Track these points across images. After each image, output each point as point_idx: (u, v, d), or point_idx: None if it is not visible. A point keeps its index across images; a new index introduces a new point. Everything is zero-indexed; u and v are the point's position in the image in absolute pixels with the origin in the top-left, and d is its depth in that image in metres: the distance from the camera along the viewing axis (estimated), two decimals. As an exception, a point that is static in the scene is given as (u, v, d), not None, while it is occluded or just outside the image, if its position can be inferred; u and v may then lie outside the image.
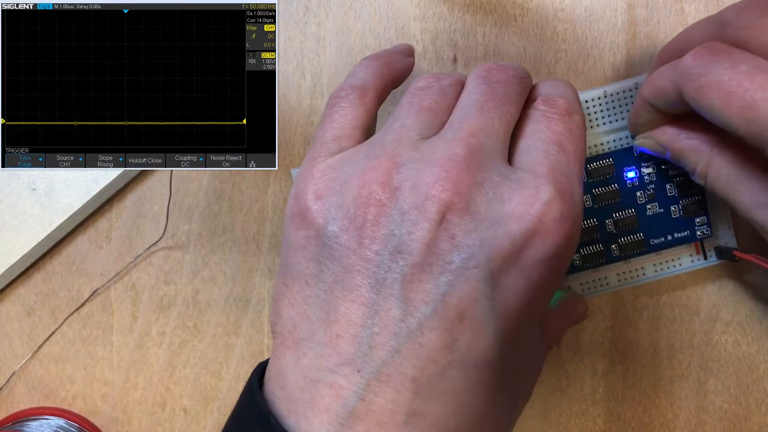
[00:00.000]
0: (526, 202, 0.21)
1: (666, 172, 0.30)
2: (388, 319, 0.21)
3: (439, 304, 0.20)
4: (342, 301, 0.21)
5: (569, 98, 0.25)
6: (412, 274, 0.21)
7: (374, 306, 0.21)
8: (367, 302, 0.21)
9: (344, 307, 0.21)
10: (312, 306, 0.22)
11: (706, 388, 0.33)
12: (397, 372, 0.20)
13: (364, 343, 0.21)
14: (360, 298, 0.21)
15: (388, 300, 0.21)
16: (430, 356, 0.20)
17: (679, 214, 0.31)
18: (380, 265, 0.21)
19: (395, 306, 0.21)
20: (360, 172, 0.22)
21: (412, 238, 0.21)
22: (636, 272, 0.32)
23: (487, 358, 0.21)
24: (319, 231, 0.22)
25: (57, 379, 0.34)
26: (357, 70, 0.27)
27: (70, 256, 0.34)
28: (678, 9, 0.32)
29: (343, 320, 0.21)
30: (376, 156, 0.23)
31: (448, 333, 0.20)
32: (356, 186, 0.22)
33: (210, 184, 0.33)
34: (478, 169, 0.22)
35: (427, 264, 0.21)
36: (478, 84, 0.24)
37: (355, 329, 0.21)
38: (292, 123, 0.33)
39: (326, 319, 0.21)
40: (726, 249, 0.31)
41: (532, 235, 0.21)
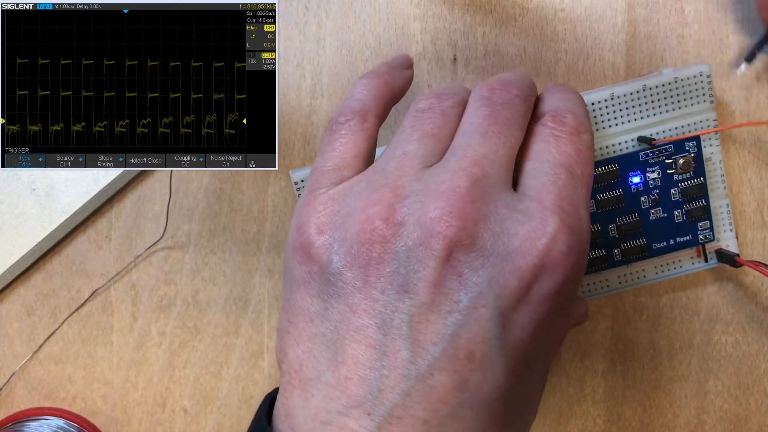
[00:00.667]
0: (533, 236, 0.21)
1: (671, 176, 0.30)
2: (396, 360, 0.20)
3: (448, 344, 0.20)
4: (349, 342, 0.21)
5: (579, 114, 0.24)
6: (420, 314, 0.20)
7: (382, 347, 0.21)
8: (374, 343, 0.21)
9: (351, 347, 0.21)
10: (318, 345, 0.22)
11: (706, 388, 0.33)
12: (407, 414, 0.20)
13: (373, 386, 0.20)
14: (367, 339, 0.21)
15: (396, 341, 0.20)
16: (440, 398, 0.20)
17: (683, 218, 0.30)
18: (387, 305, 0.21)
19: (403, 347, 0.20)
20: (362, 204, 0.22)
21: (419, 277, 0.21)
22: (636, 274, 0.32)
23: (497, 395, 0.21)
24: (323, 267, 0.22)
25: (57, 379, 0.34)
26: (356, 92, 0.26)
27: (70, 256, 0.34)
28: (678, 9, 0.32)
29: (351, 361, 0.21)
30: (378, 187, 0.22)
31: (458, 374, 0.20)
32: (359, 221, 0.22)
33: (210, 184, 0.33)
34: (483, 201, 0.21)
35: (434, 303, 0.20)
36: (480, 106, 0.24)
37: (364, 371, 0.21)
38: (292, 123, 0.33)
39: (333, 359, 0.21)
40: (728, 254, 0.31)
41: (540, 270, 0.21)
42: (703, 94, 0.30)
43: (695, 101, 0.30)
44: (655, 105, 0.30)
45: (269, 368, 0.34)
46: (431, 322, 0.20)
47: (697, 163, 0.30)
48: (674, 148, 0.30)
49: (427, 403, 0.20)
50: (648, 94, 0.30)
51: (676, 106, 0.30)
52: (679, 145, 0.30)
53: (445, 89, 0.25)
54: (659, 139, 0.30)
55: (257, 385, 0.34)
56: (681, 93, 0.30)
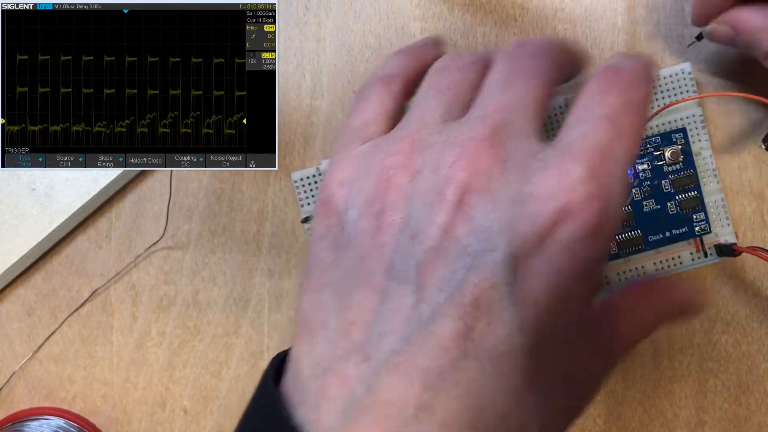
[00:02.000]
0: (551, 182, 0.19)
1: (661, 168, 0.31)
2: (400, 306, 0.20)
3: (454, 290, 0.19)
4: (356, 288, 0.21)
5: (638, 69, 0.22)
6: (428, 260, 0.20)
7: (387, 292, 0.20)
8: (380, 289, 0.20)
9: (358, 294, 0.20)
10: (327, 294, 0.21)
11: (706, 387, 0.33)
12: (406, 361, 0.19)
13: (374, 331, 0.20)
14: (373, 285, 0.20)
15: (401, 286, 0.20)
16: (442, 345, 0.19)
17: (676, 210, 0.31)
18: (396, 251, 0.20)
19: (408, 292, 0.20)
20: (382, 157, 0.22)
21: (429, 223, 0.20)
22: (636, 271, 0.32)
23: (506, 349, 0.19)
24: (340, 218, 0.22)
25: (57, 379, 0.34)
26: (385, 64, 0.26)
27: (69, 256, 0.34)
28: (678, 9, 0.32)
29: (356, 307, 0.20)
30: (398, 140, 0.22)
31: (462, 321, 0.19)
32: (377, 171, 0.21)
33: (210, 184, 0.33)
34: (501, 147, 0.20)
35: (443, 248, 0.19)
36: (502, 61, 0.23)
37: (367, 316, 0.20)
38: (292, 123, 0.33)
39: (340, 306, 0.21)
40: (726, 246, 0.31)
41: (557, 216, 0.19)
42: (686, 90, 0.31)
43: (679, 97, 0.31)
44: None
45: (269, 368, 0.34)
46: (439, 267, 0.19)
47: (685, 154, 0.31)
48: (661, 140, 0.31)
49: (428, 350, 0.19)
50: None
51: (661, 102, 0.31)
52: (666, 137, 0.31)
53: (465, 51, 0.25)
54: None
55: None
56: (665, 90, 0.31)
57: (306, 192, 0.33)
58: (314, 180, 0.33)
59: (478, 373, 0.19)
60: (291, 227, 0.33)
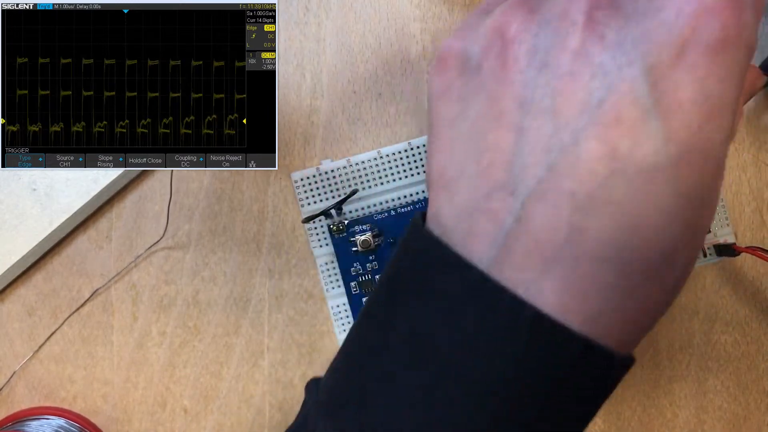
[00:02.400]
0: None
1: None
2: (539, 136, 0.19)
3: (593, 111, 0.18)
4: (489, 131, 0.20)
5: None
6: (562, 85, 0.19)
7: (523, 127, 0.19)
8: (515, 125, 0.20)
9: (492, 136, 0.20)
10: (459, 145, 0.21)
11: (706, 387, 0.33)
12: (553, 188, 0.19)
13: (516, 166, 0.19)
14: (508, 124, 0.20)
15: (537, 118, 0.19)
16: (588, 167, 0.18)
17: None
18: (526, 84, 0.20)
19: (545, 122, 0.19)
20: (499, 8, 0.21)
21: (558, 48, 0.19)
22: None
23: (654, 164, 0.18)
24: (460, 69, 0.21)
25: (57, 378, 0.34)
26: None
27: (70, 256, 0.34)
28: (678, 9, 0.32)
29: (493, 148, 0.20)
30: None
31: (606, 141, 0.18)
32: (497, 14, 0.21)
33: (210, 184, 0.33)
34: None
35: (577, 71, 0.19)
36: None
37: (506, 155, 0.19)
38: (292, 123, 0.33)
39: (475, 152, 0.20)
40: (725, 245, 0.31)
41: (694, 21, 0.18)
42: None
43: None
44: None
45: (269, 368, 0.34)
46: (574, 91, 0.19)
47: None
48: None
49: (573, 174, 0.18)
50: None
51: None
52: None
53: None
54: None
55: (257, 385, 0.34)
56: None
57: (306, 192, 0.33)
58: (314, 180, 0.33)
59: (628, 190, 0.18)
60: (291, 227, 0.33)
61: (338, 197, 0.32)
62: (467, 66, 0.21)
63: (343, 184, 0.32)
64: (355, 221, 0.32)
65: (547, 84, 0.19)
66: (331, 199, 0.33)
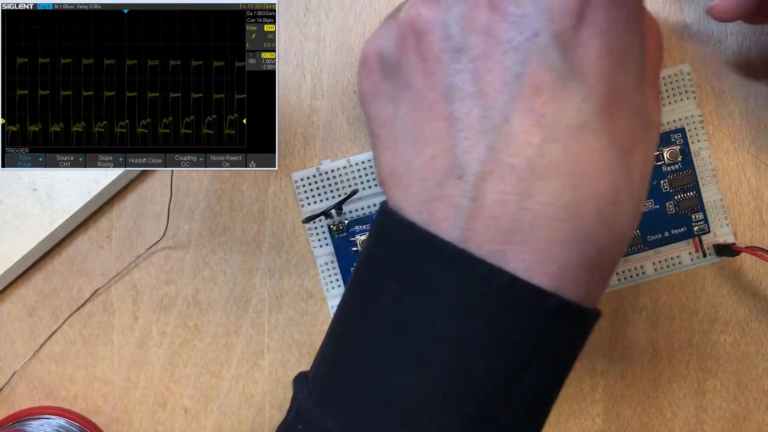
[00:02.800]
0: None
1: (660, 168, 0.31)
2: (471, 120, 0.20)
3: (513, 86, 0.20)
4: (424, 125, 0.21)
5: None
6: (478, 68, 0.20)
7: (454, 114, 0.21)
8: (446, 114, 0.21)
9: (428, 129, 0.21)
10: (400, 143, 0.22)
11: (705, 387, 0.33)
12: (496, 166, 0.20)
13: (458, 152, 0.20)
14: (439, 114, 0.21)
15: (464, 102, 0.20)
16: (522, 140, 0.20)
17: (675, 210, 0.31)
18: (446, 73, 0.21)
19: (473, 105, 0.20)
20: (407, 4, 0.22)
21: (468, 32, 0.20)
22: (635, 270, 0.32)
23: (581, 121, 0.20)
24: (383, 68, 0.22)
25: (58, 378, 0.34)
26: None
27: (70, 256, 0.34)
28: (677, 10, 0.32)
29: (431, 141, 0.21)
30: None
31: (532, 111, 0.20)
32: (405, 10, 0.22)
33: (210, 184, 0.33)
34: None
35: (490, 51, 0.20)
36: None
37: (446, 144, 0.21)
38: (292, 123, 0.33)
39: (416, 147, 0.21)
40: (725, 245, 0.31)
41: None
42: (685, 91, 0.31)
43: (678, 98, 0.31)
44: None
45: (270, 367, 0.34)
46: (491, 70, 0.20)
47: (684, 155, 0.31)
48: (660, 140, 0.31)
49: (510, 149, 0.20)
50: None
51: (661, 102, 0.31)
52: (665, 137, 0.31)
53: None
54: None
55: (258, 385, 0.34)
56: (664, 91, 0.31)
57: (306, 192, 0.33)
58: (314, 180, 0.33)
59: (563, 152, 0.20)
60: (291, 227, 0.33)
61: (338, 197, 0.32)
62: (388, 65, 0.22)
63: (343, 184, 0.32)
64: (355, 221, 0.32)
65: (465, 69, 0.20)
66: (331, 199, 0.33)
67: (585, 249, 0.20)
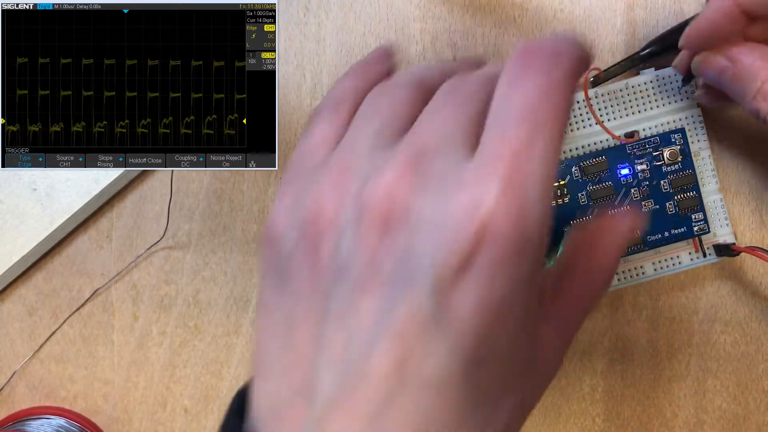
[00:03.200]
0: (471, 204, 0.18)
1: (660, 168, 0.31)
2: (335, 345, 0.20)
3: (383, 325, 0.19)
4: (295, 329, 0.21)
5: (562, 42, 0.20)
6: (355, 296, 0.20)
7: (323, 332, 0.20)
8: (315, 329, 0.20)
9: (297, 335, 0.21)
10: (274, 335, 0.22)
11: (705, 387, 0.33)
12: (346, 399, 0.19)
13: (315, 371, 0.20)
14: (309, 326, 0.20)
15: (334, 326, 0.20)
16: (378, 380, 0.19)
17: (675, 210, 0.31)
18: (327, 289, 0.20)
19: (341, 331, 0.20)
20: (315, 187, 0.22)
21: (354, 256, 0.20)
22: (635, 271, 0.32)
23: (443, 376, 0.19)
24: (277, 259, 0.22)
25: (58, 378, 0.34)
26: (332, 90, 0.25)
27: (70, 256, 0.34)
28: (677, 10, 0.32)
29: (297, 348, 0.21)
30: (330, 170, 0.22)
31: (395, 354, 0.19)
32: (308, 205, 0.21)
33: (210, 184, 0.33)
34: (421, 169, 0.20)
35: (369, 282, 0.19)
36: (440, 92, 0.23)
37: (307, 358, 0.20)
38: (292, 123, 0.33)
39: (284, 347, 0.21)
40: (725, 246, 0.31)
41: (476, 239, 0.18)
42: (685, 91, 0.31)
43: (678, 98, 0.31)
44: (639, 102, 0.31)
45: (269, 367, 0.34)
46: (366, 302, 0.19)
47: (684, 155, 0.31)
48: (660, 140, 0.31)
49: (365, 386, 0.19)
50: (631, 92, 0.31)
51: (660, 103, 0.31)
52: (665, 137, 0.31)
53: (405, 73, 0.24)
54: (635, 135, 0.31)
55: (258, 385, 0.34)
56: (663, 91, 0.31)
57: (306, 192, 0.33)
58: (314, 180, 0.33)
59: (419, 402, 0.19)
60: (291, 227, 0.33)
61: (338, 197, 0.32)
62: (283, 255, 0.22)
63: (343, 184, 0.33)
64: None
65: (343, 292, 0.20)
66: (331, 199, 0.33)
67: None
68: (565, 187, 0.31)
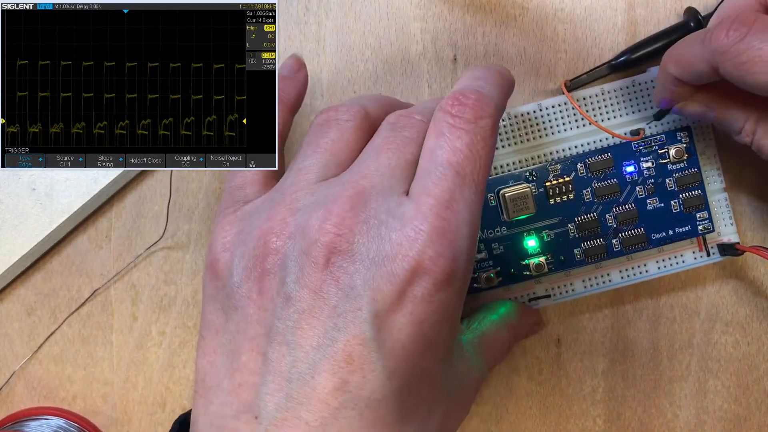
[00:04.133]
0: (404, 242, 0.21)
1: (665, 166, 0.31)
2: (280, 366, 0.21)
3: (327, 348, 0.21)
4: (243, 351, 0.22)
5: (485, 94, 0.23)
6: (302, 320, 0.21)
7: (268, 354, 0.22)
8: (262, 351, 0.22)
9: (245, 356, 0.22)
10: (219, 355, 0.23)
11: (706, 388, 0.33)
12: (292, 416, 0.21)
13: (260, 391, 0.21)
14: (257, 347, 0.22)
15: (280, 347, 0.22)
16: (321, 399, 0.21)
17: (680, 208, 0.31)
18: (274, 314, 0.22)
19: (287, 353, 0.21)
20: (261, 221, 0.23)
21: (300, 285, 0.22)
22: (638, 269, 0.32)
23: (381, 395, 0.21)
24: (225, 282, 0.23)
25: (57, 378, 0.34)
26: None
27: (70, 256, 0.34)
28: (677, 9, 0.32)
29: (244, 369, 0.22)
30: (275, 204, 0.24)
31: (338, 375, 0.21)
32: (256, 236, 0.23)
33: (210, 184, 0.33)
34: (363, 209, 0.22)
35: (315, 309, 0.21)
36: (382, 130, 0.25)
37: (253, 377, 0.22)
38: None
39: (230, 367, 0.22)
40: (729, 245, 0.31)
41: (412, 274, 0.21)
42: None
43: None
44: (646, 100, 0.31)
45: (269, 368, 0.34)
46: (312, 327, 0.21)
47: (689, 153, 0.31)
48: (666, 138, 0.31)
49: (309, 404, 0.21)
50: (638, 90, 0.31)
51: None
52: (671, 135, 0.31)
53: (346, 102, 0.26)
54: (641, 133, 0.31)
55: (257, 385, 0.34)
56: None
57: (306, 192, 0.33)
58: (314, 180, 0.33)
59: (358, 420, 0.21)
60: (291, 227, 0.33)
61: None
62: (230, 281, 0.23)
63: (343, 184, 0.32)
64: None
65: (290, 317, 0.22)
66: (331, 199, 0.33)
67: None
68: (570, 184, 0.30)
